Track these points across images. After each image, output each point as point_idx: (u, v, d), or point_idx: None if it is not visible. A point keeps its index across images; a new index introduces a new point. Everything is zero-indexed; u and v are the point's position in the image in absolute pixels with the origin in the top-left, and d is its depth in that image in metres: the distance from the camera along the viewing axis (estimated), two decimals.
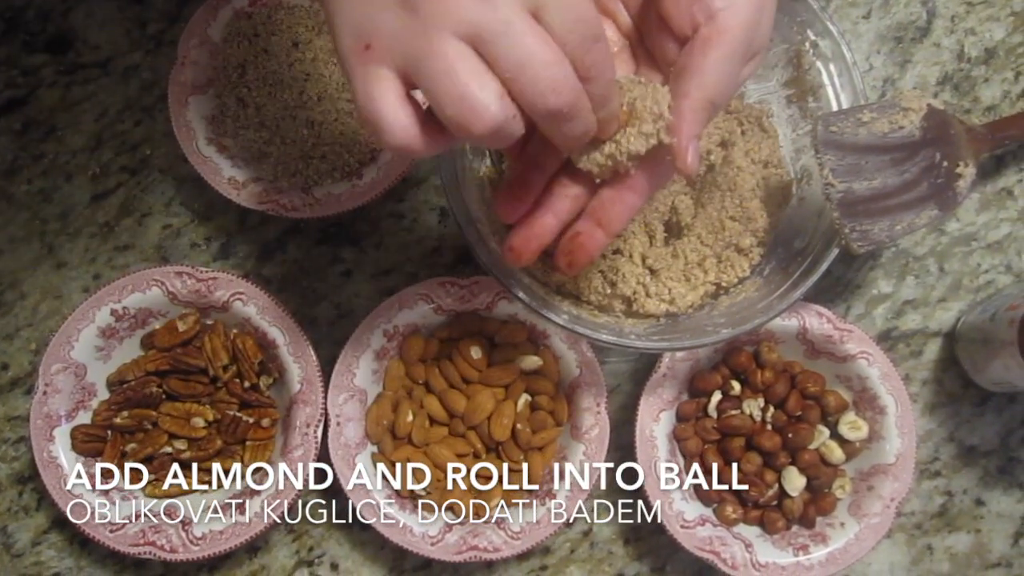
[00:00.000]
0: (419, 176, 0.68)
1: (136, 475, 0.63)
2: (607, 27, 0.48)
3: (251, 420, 0.63)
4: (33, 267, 0.68)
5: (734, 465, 0.64)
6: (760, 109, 0.64)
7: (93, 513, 0.61)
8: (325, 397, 0.61)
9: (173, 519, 0.61)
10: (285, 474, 0.61)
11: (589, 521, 0.66)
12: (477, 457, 0.63)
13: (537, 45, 0.37)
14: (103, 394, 0.64)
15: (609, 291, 0.60)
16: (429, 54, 0.36)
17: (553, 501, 0.61)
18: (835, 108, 0.59)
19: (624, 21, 0.48)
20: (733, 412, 0.64)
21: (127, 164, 0.69)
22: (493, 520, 0.62)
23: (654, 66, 0.47)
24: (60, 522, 0.65)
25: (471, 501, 0.62)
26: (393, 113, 0.38)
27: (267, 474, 0.62)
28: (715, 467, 0.63)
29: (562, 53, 0.37)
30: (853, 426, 0.64)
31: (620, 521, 0.66)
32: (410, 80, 0.38)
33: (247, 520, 0.60)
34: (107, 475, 0.62)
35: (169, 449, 0.63)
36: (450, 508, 0.63)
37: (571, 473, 0.61)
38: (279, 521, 0.61)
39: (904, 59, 0.71)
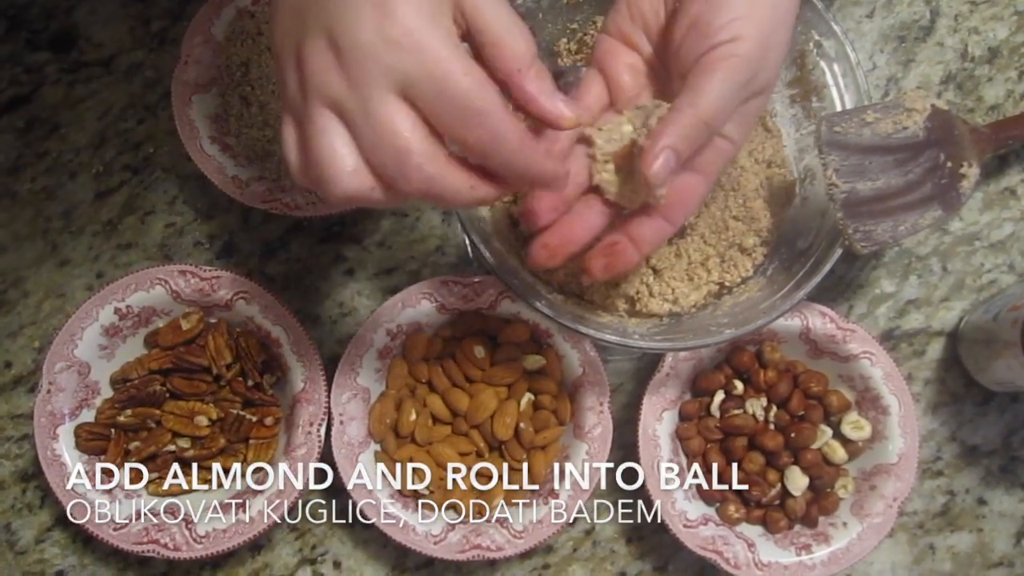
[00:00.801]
0: None
1: (139, 473, 0.63)
2: (632, 57, 0.49)
3: (254, 419, 0.63)
4: (36, 265, 0.68)
5: (736, 464, 0.64)
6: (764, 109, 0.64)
7: (96, 511, 0.61)
8: (328, 396, 0.62)
9: (176, 517, 0.61)
10: (288, 473, 0.61)
11: (591, 520, 0.67)
12: (480, 456, 0.63)
13: (390, 127, 0.37)
14: (107, 392, 0.64)
15: (612, 290, 0.60)
16: (304, 116, 0.38)
17: (555, 500, 0.61)
18: (839, 108, 0.59)
19: (647, 52, 0.49)
20: (736, 412, 0.64)
21: (130, 162, 0.69)
22: (495, 519, 0.62)
23: (673, 97, 0.47)
24: (63, 520, 0.66)
25: (473, 500, 0.62)
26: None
27: (270, 473, 0.62)
28: (717, 466, 0.64)
29: (420, 133, 0.37)
30: (856, 426, 0.64)
31: (622, 520, 0.66)
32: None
33: (250, 519, 0.60)
34: (110, 473, 0.62)
35: (172, 447, 0.63)
36: (452, 507, 0.63)
37: (573, 472, 0.62)
38: (282, 520, 0.61)
39: (908, 58, 0.71)
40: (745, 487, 0.63)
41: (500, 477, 0.63)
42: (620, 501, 0.66)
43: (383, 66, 0.36)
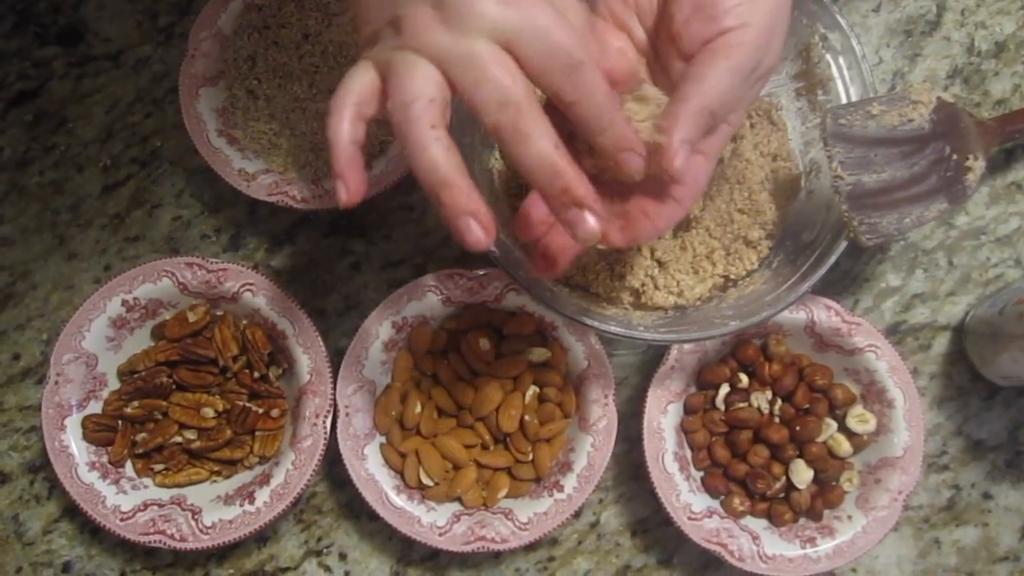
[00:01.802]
0: None
1: (146, 465, 0.63)
2: (621, 40, 0.49)
3: (260, 410, 0.63)
4: (44, 258, 0.68)
5: (741, 457, 0.64)
6: (769, 102, 0.64)
7: (103, 502, 0.61)
8: (334, 388, 0.62)
9: (182, 508, 0.62)
10: (294, 464, 0.61)
11: (596, 513, 0.67)
12: (485, 448, 0.63)
13: (495, 64, 0.38)
14: (114, 384, 0.64)
15: (617, 283, 0.60)
16: (398, 62, 0.40)
17: (560, 493, 0.61)
18: (844, 101, 0.59)
19: (639, 36, 0.49)
20: (741, 405, 0.64)
21: (138, 156, 0.69)
22: (500, 511, 0.62)
23: (668, 82, 0.47)
24: (71, 511, 0.66)
25: (479, 492, 0.63)
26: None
27: (276, 464, 0.62)
28: (722, 459, 0.64)
29: (522, 76, 0.39)
30: (861, 419, 0.64)
31: (627, 513, 0.66)
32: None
33: (256, 510, 0.61)
34: (117, 464, 0.63)
35: (179, 439, 0.63)
36: (458, 499, 0.63)
37: (578, 465, 0.62)
38: (287, 511, 0.61)
39: (914, 52, 0.71)
40: (750, 480, 0.63)
41: (505, 469, 0.63)
42: (625, 494, 0.67)
43: (488, 19, 0.38)
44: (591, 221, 0.40)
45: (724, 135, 0.47)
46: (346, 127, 0.41)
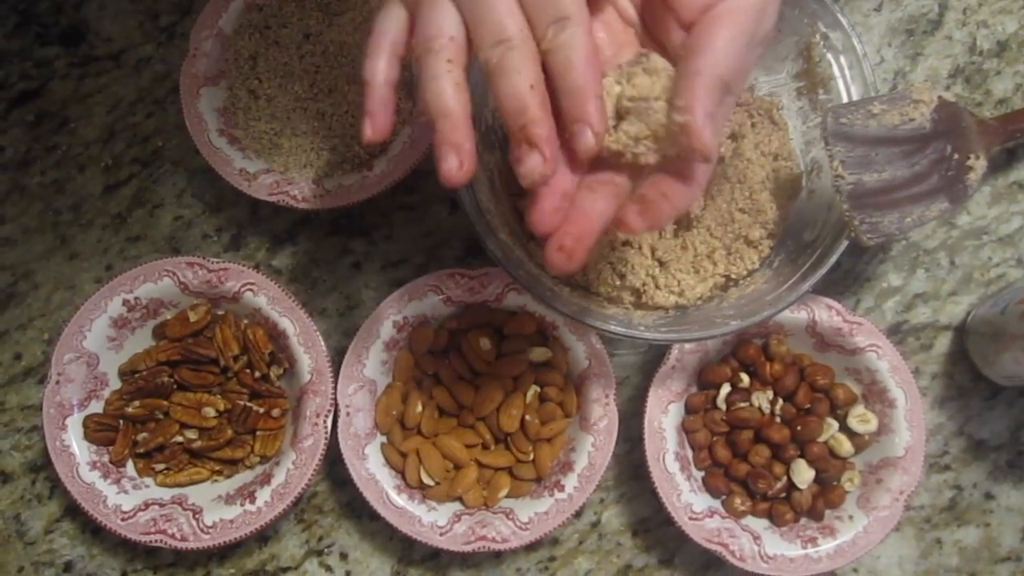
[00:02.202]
0: (429, 167, 0.67)
1: (147, 464, 0.63)
2: (609, 13, 0.48)
3: (261, 410, 0.63)
4: (46, 258, 0.68)
5: (743, 457, 0.64)
6: (770, 101, 0.64)
7: (104, 501, 0.61)
8: (335, 387, 0.62)
9: (183, 508, 0.62)
10: (295, 464, 0.61)
11: (597, 512, 0.67)
12: (486, 448, 0.63)
13: (495, 9, 0.40)
14: (115, 384, 0.64)
15: (618, 283, 0.60)
16: (425, 2, 0.41)
17: (561, 492, 0.61)
18: (846, 100, 0.59)
19: (624, 6, 0.48)
20: (742, 404, 0.64)
21: (139, 156, 0.69)
22: (501, 511, 0.62)
23: (663, 52, 0.46)
24: (72, 510, 0.66)
25: (479, 492, 0.63)
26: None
27: (277, 464, 0.62)
28: (723, 459, 0.64)
29: (520, 20, 0.40)
30: (862, 419, 0.64)
31: (628, 513, 0.66)
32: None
33: (257, 509, 0.61)
34: (118, 464, 0.63)
35: (180, 438, 0.63)
36: (459, 499, 0.63)
37: (579, 465, 0.62)
38: (288, 511, 0.61)
39: (915, 52, 0.71)
40: (751, 480, 0.63)
41: (506, 469, 0.63)
42: (626, 494, 0.67)
43: None
44: (536, 159, 0.40)
45: (729, 106, 0.45)
46: (382, 66, 0.43)
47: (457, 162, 0.41)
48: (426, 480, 0.62)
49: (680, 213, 0.45)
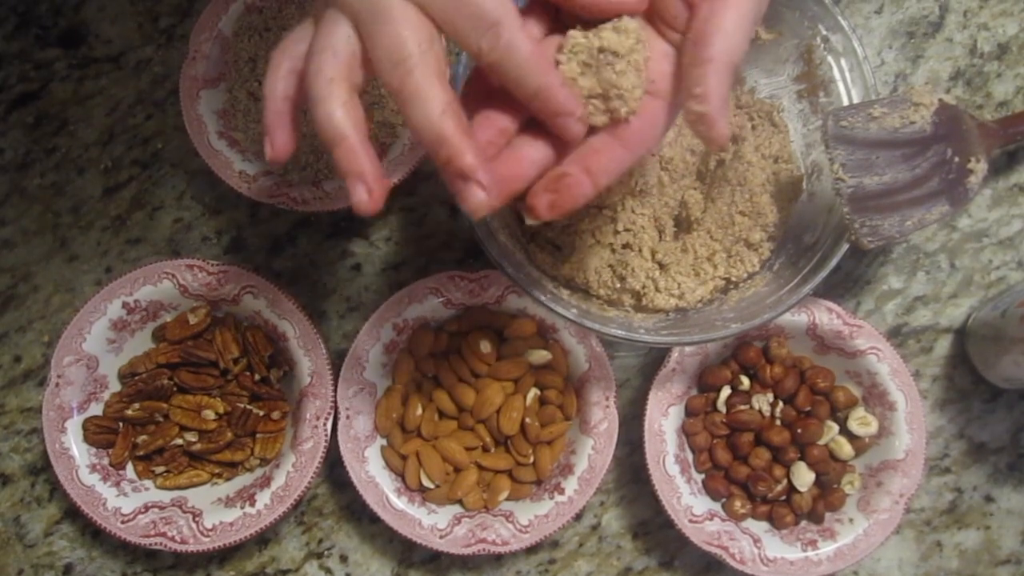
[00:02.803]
0: (429, 170, 0.68)
1: (147, 467, 0.63)
2: None
3: (261, 413, 0.63)
4: (46, 260, 0.68)
5: (743, 460, 0.64)
6: (771, 104, 0.64)
7: (104, 504, 0.61)
8: (335, 390, 0.62)
9: (183, 510, 0.62)
10: (295, 467, 0.61)
11: (598, 515, 0.67)
12: (486, 451, 0.63)
13: (393, 27, 0.38)
14: (115, 386, 0.64)
15: (618, 285, 0.60)
16: (320, 19, 0.41)
17: (561, 495, 0.61)
18: (846, 103, 0.59)
19: None
20: (742, 407, 0.64)
21: (139, 158, 0.69)
22: (501, 514, 0.62)
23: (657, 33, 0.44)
24: (72, 513, 0.66)
25: (479, 494, 0.63)
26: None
27: (277, 467, 0.62)
28: (723, 462, 0.64)
29: (418, 38, 0.38)
30: (862, 422, 0.64)
31: (629, 515, 0.66)
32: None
33: (257, 512, 0.61)
34: (118, 467, 0.63)
35: (180, 441, 0.63)
36: (459, 501, 0.63)
37: (580, 467, 0.62)
38: (289, 513, 0.61)
39: (916, 54, 0.71)
40: (751, 483, 0.63)
41: (506, 472, 0.63)
42: (626, 496, 0.66)
43: None
44: (477, 195, 0.38)
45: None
46: (277, 84, 0.41)
47: (365, 191, 0.39)
48: (426, 483, 0.62)
49: (602, 188, 0.43)
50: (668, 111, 0.43)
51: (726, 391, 0.64)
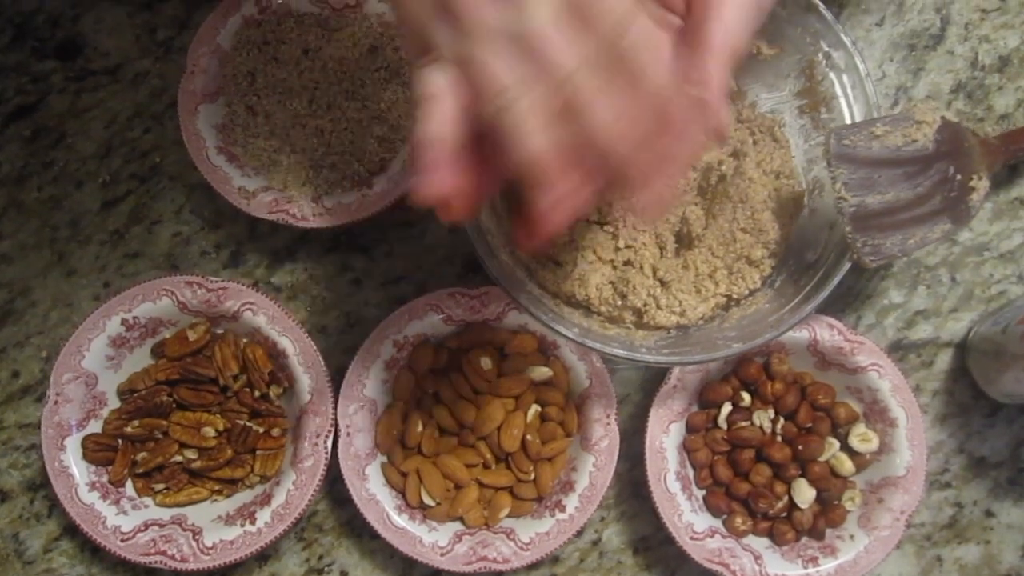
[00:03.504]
0: None
1: (146, 484, 0.63)
2: None
3: (261, 430, 0.63)
4: (43, 275, 0.68)
5: (744, 476, 0.63)
6: (772, 119, 0.64)
7: (104, 523, 0.61)
8: (335, 407, 0.61)
9: (183, 528, 0.62)
10: (295, 484, 0.61)
11: (598, 531, 0.66)
12: (487, 467, 0.63)
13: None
14: (114, 403, 0.64)
15: (620, 302, 0.60)
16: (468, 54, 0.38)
17: (562, 512, 0.61)
18: (848, 119, 0.59)
19: None
20: (743, 424, 0.63)
21: (137, 171, 0.69)
22: (502, 531, 0.62)
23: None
24: (71, 529, 0.66)
25: (480, 512, 0.62)
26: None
27: (277, 484, 0.62)
28: (724, 478, 0.63)
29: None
30: (863, 438, 0.64)
31: (629, 531, 0.66)
32: None
33: (257, 530, 0.61)
34: (117, 484, 0.63)
35: (179, 458, 0.63)
36: (459, 519, 0.63)
37: (580, 485, 0.61)
38: (289, 530, 0.61)
39: (917, 67, 0.71)
40: (752, 499, 0.63)
41: (507, 489, 0.63)
42: (627, 512, 0.66)
43: None
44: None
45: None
46: (446, 128, 0.39)
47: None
48: (427, 500, 0.62)
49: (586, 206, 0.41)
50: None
51: (727, 407, 0.64)
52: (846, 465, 0.63)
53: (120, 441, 0.63)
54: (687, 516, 0.62)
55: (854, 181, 0.56)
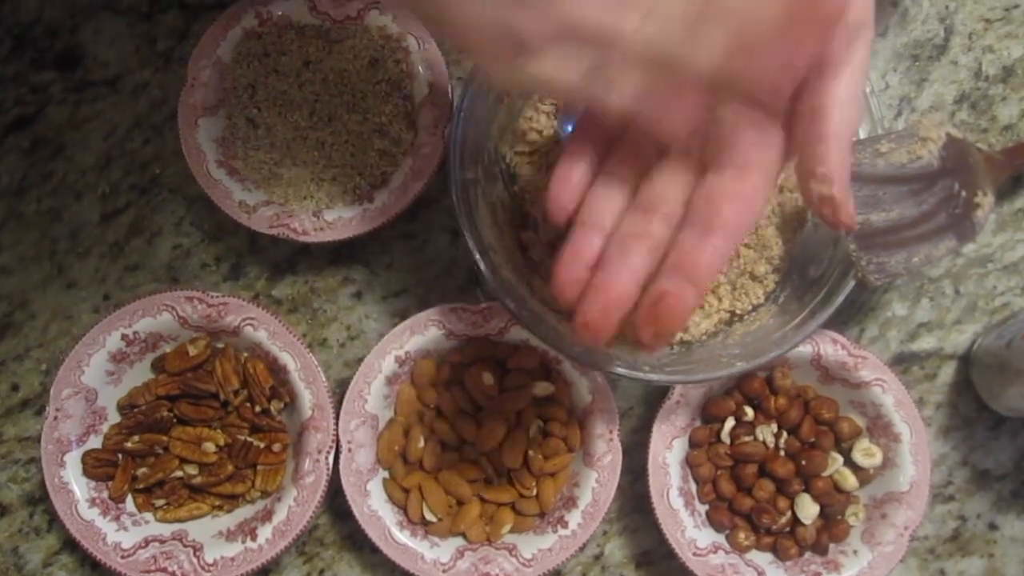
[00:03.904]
0: (431, 196, 0.67)
1: (147, 499, 0.63)
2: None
3: (262, 445, 0.63)
4: (42, 287, 0.68)
5: (747, 491, 0.63)
6: None
7: (104, 539, 0.61)
8: (336, 423, 0.61)
9: (184, 544, 0.61)
10: (296, 501, 0.61)
11: (600, 544, 0.66)
12: (489, 483, 0.63)
13: None
14: (114, 418, 0.64)
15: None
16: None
17: (565, 528, 0.61)
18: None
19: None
20: (746, 438, 0.63)
21: (137, 183, 0.69)
22: (504, 547, 0.62)
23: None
24: (71, 544, 0.65)
25: (482, 527, 0.62)
26: None
27: (278, 500, 0.61)
28: (727, 494, 0.63)
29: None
30: (867, 453, 0.63)
31: (632, 545, 0.66)
32: None
33: (258, 547, 0.60)
34: (118, 500, 0.62)
35: (180, 474, 0.63)
36: (461, 534, 0.62)
37: (583, 501, 0.61)
38: (290, 546, 0.61)
39: (921, 77, 0.70)
40: (755, 514, 0.63)
41: (509, 505, 0.63)
42: (629, 526, 0.66)
43: None
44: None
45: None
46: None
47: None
48: (428, 516, 0.62)
49: (704, 291, 0.39)
50: (766, 183, 0.39)
51: (730, 422, 0.64)
52: (849, 480, 0.63)
53: (120, 456, 0.63)
54: (690, 532, 0.61)
55: (859, 199, 0.55)
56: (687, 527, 0.61)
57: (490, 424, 0.62)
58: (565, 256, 0.39)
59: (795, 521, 0.63)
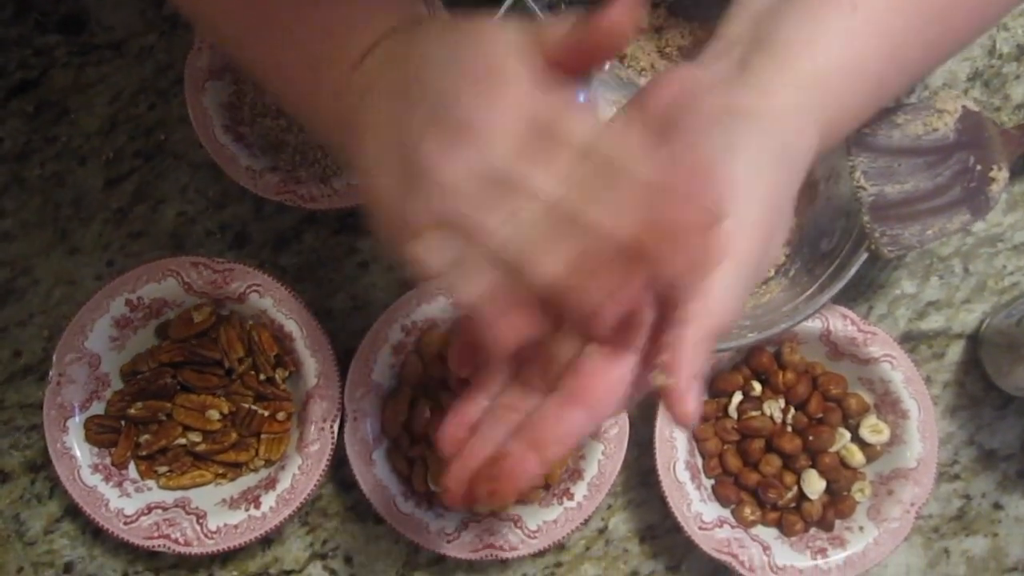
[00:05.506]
0: None
1: (150, 466, 0.62)
2: None
3: (266, 413, 0.62)
4: (46, 253, 0.67)
5: (753, 466, 0.63)
6: None
7: (107, 505, 0.60)
8: (342, 392, 0.61)
9: (187, 512, 0.61)
10: (300, 469, 0.60)
11: (605, 518, 0.66)
12: None
13: None
14: (117, 384, 0.63)
15: None
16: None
17: (570, 500, 0.61)
18: None
19: None
20: (753, 413, 0.63)
21: (141, 148, 0.68)
22: (510, 518, 0.61)
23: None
24: (73, 511, 0.65)
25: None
26: None
27: (282, 468, 0.61)
28: (734, 468, 0.63)
29: None
30: (874, 429, 0.63)
31: (636, 519, 0.66)
32: None
33: (261, 515, 0.60)
34: (120, 466, 0.62)
35: (183, 441, 0.62)
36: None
37: (589, 473, 0.61)
38: (294, 515, 0.61)
39: None
40: (761, 489, 0.62)
41: None
42: (634, 500, 0.66)
43: None
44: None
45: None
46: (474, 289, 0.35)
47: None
48: (433, 486, 0.61)
49: (548, 467, 0.36)
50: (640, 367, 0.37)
51: (738, 397, 0.63)
52: (856, 456, 0.63)
53: (123, 423, 0.62)
54: (696, 506, 0.61)
55: (874, 170, 0.55)
56: (693, 501, 0.61)
57: None
58: (450, 415, 0.39)
59: (801, 496, 0.63)
